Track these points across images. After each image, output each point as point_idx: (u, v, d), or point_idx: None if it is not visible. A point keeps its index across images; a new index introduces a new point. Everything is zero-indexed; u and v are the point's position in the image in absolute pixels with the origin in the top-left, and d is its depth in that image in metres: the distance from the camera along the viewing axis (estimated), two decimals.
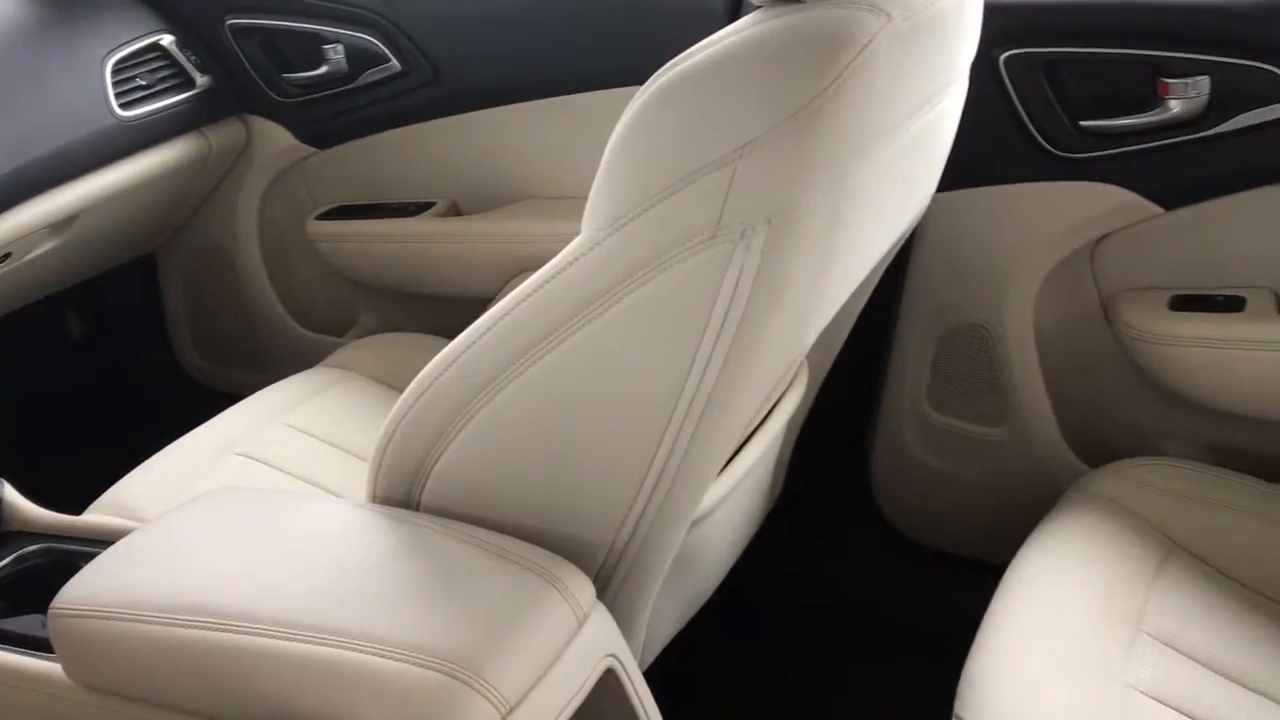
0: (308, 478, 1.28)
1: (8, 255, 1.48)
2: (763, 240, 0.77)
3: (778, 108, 0.75)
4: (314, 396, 1.43)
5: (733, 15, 1.46)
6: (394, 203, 1.77)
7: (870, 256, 1.02)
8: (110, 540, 0.95)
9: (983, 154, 1.36)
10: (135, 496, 1.21)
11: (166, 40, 1.67)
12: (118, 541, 0.93)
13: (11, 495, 1.13)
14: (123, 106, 1.57)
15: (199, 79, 1.70)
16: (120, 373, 2.04)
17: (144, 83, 1.62)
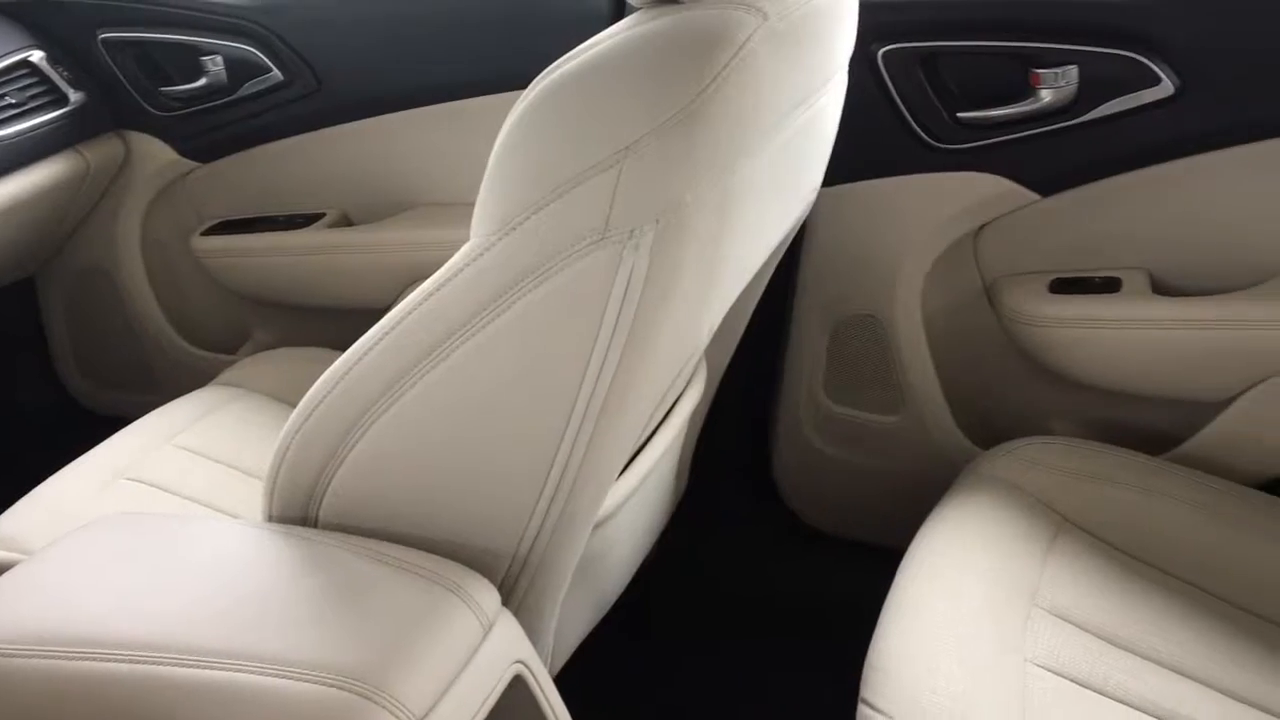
0: (203, 500, 1.25)
1: None
2: (651, 240, 0.78)
3: (659, 109, 0.76)
4: (207, 416, 1.40)
5: (616, 18, 1.47)
6: (282, 215, 1.73)
7: (759, 252, 1.03)
8: None
9: (865, 147, 1.38)
10: (21, 527, 1.17)
11: (36, 56, 1.62)
12: (1, 576, 0.90)
13: None
14: None
15: (72, 95, 1.65)
16: (2, 400, 1.97)
17: (14, 101, 1.57)
